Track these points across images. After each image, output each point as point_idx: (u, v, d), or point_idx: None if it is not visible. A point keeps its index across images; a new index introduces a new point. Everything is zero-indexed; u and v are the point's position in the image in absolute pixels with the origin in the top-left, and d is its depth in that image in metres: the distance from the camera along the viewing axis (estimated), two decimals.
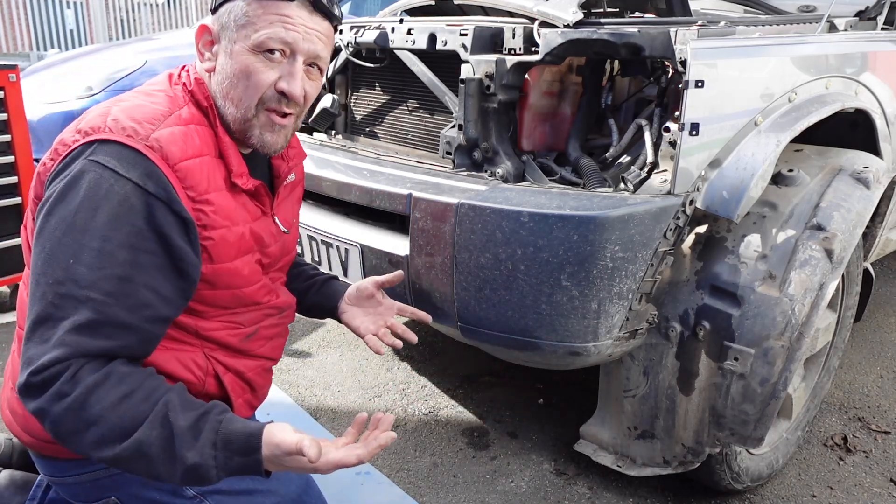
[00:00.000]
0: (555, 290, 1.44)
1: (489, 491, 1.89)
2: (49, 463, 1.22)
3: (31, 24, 12.63)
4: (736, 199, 1.50)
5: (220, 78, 1.16)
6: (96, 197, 1.00)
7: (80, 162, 1.02)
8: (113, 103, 1.10)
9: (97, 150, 1.02)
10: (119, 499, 1.21)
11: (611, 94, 1.82)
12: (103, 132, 1.03)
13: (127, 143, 1.03)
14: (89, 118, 1.08)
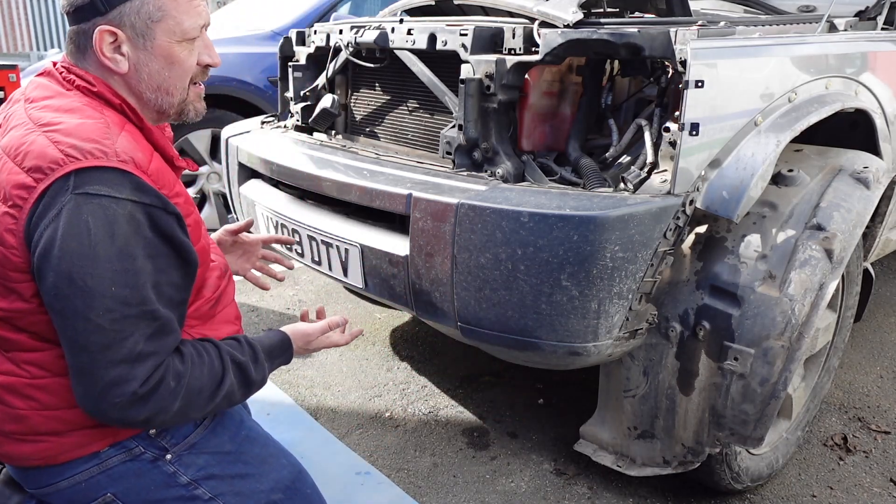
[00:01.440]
0: (555, 290, 1.44)
1: (489, 491, 1.89)
2: (37, 473, 1.21)
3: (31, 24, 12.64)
4: (736, 199, 1.50)
5: (143, 74, 1.19)
6: (106, 225, 1.04)
7: (67, 196, 1.02)
8: (39, 131, 1.08)
9: (79, 182, 1.03)
10: (115, 494, 1.21)
11: (611, 94, 1.82)
12: (74, 162, 1.03)
13: (106, 166, 1.05)
14: (32, 153, 1.05)
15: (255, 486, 1.30)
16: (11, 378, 1.15)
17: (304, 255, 1.96)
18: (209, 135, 3.75)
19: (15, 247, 1.06)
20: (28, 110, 1.14)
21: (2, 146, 1.11)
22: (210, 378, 1.18)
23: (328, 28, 2.19)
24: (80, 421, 1.17)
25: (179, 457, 1.24)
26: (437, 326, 1.81)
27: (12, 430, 1.17)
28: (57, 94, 1.16)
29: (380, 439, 2.11)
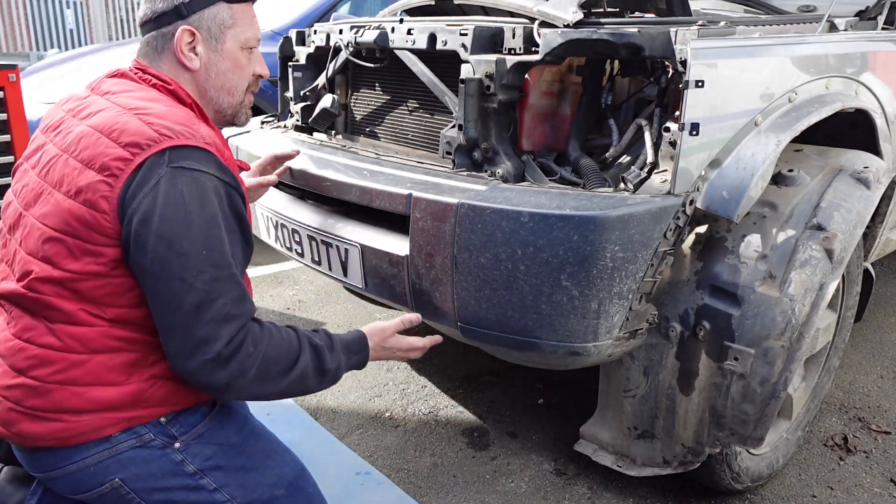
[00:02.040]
0: (555, 290, 1.44)
1: (489, 491, 1.89)
2: (46, 456, 1.23)
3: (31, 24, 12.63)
4: (736, 199, 1.50)
5: (211, 73, 1.36)
6: (197, 195, 1.17)
7: (163, 169, 1.15)
8: (131, 114, 1.20)
9: (173, 157, 1.16)
10: (122, 480, 1.24)
11: (611, 94, 1.82)
12: (167, 140, 1.16)
13: (195, 145, 1.19)
14: (128, 130, 1.17)
15: (258, 480, 1.32)
16: (49, 351, 1.20)
17: (304, 255, 1.96)
18: None
19: (107, 212, 1.15)
20: (112, 98, 1.27)
21: (93, 125, 1.21)
22: (287, 352, 1.27)
23: (328, 28, 2.19)
24: (104, 401, 1.21)
25: (188, 445, 1.27)
26: (437, 326, 1.81)
27: (33, 406, 1.20)
28: (137, 88, 1.30)
29: (380, 439, 2.11)
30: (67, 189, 1.18)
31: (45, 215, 1.19)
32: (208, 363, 1.17)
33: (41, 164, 1.26)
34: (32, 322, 1.21)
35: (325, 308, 3.09)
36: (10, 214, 1.30)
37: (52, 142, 1.28)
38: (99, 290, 1.19)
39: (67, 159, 1.20)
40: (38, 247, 1.19)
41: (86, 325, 1.20)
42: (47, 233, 1.18)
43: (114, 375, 1.22)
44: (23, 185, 1.29)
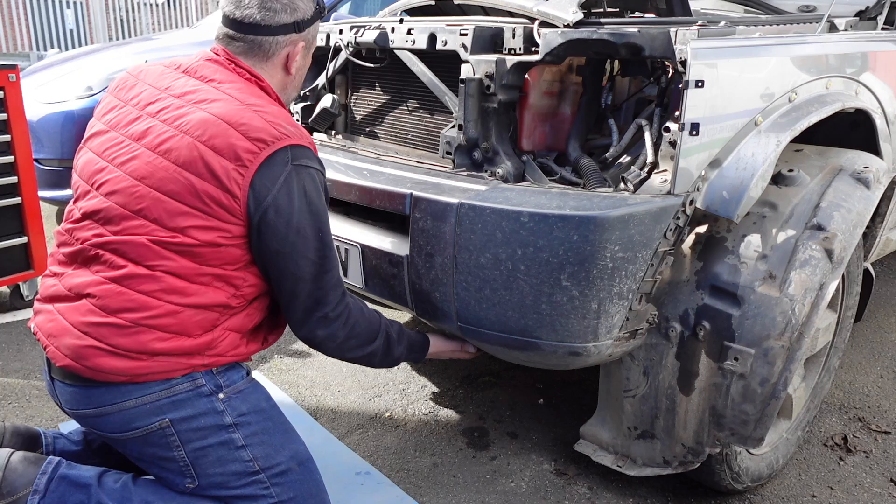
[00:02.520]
0: (555, 291, 1.44)
1: (489, 491, 1.89)
2: (106, 391, 1.35)
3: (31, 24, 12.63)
4: (736, 199, 1.50)
5: (298, 76, 1.60)
6: (315, 189, 1.41)
7: (288, 167, 1.37)
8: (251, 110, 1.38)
9: (295, 155, 1.38)
10: (171, 421, 1.37)
11: (611, 94, 1.82)
12: (287, 139, 1.37)
13: (306, 146, 1.41)
14: (254, 126, 1.35)
15: (278, 448, 1.46)
16: (149, 298, 1.34)
17: None
18: None
19: (239, 197, 1.34)
20: (223, 89, 1.43)
21: (217, 115, 1.36)
22: (369, 332, 1.59)
23: (328, 28, 2.19)
24: (182, 349, 1.36)
25: (229, 398, 1.42)
26: (438, 326, 1.81)
27: (117, 344, 1.33)
28: (238, 80, 1.47)
29: (380, 439, 2.11)
30: (200, 173, 1.33)
31: (174, 192, 1.34)
32: (319, 320, 1.47)
33: (150, 138, 1.39)
34: (136, 270, 1.34)
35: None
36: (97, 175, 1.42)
37: (155, 116, 1.42)
38: (214, 258, 1.36)
39: (195, 143, 1.34)
40: (167, 218, 1.34)
41: (189, 282, 1.35)
42: (181, 208, 1.34)
43: (196, 329, 1.37)
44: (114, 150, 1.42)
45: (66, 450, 1.58)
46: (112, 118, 1.48)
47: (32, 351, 2.60)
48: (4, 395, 2.28)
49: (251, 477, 1.41)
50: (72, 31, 13.14)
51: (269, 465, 1.43)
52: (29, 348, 2.62)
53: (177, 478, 1.40)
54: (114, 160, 1.41)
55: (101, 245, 1.37)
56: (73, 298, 1.38)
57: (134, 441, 1.39)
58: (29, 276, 2.91)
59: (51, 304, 1.42)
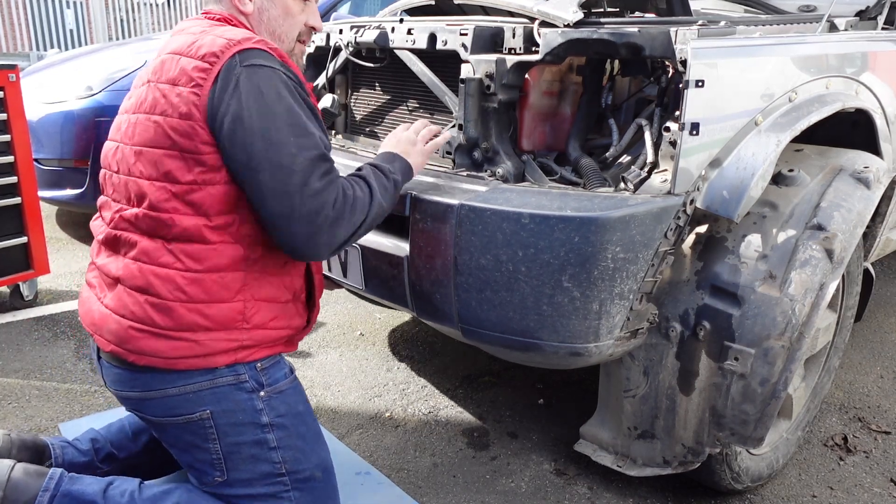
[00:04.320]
0: (556, 292, 1.44)
1: (489, 491, 1.89)
2: (151, 377, 1.37)
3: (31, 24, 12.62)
4: (736, 198, 1.50)
5: (263, 18, 1.49)
6: (273, 87, 1.30)
7: (238, 69, 1.29)
8: (207, 33, 1.35)
9: (244, 58, 1.30)
10: (211, 413, 1.38)
11: (611, 93, 1.82)
12: (237, 45, 1.30)
13: (259, 48, 1.33)
14: (204, 44, 1.31)
15: (307, 455, 1.46)
16: (168, 269, 1.33)
17: None
18: None
19: (200, 119, 1.29)
20: (185, 32, 1.40)
21: (173, 50, 1.36)
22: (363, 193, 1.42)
23: (328, 28, 2.19)
24: (217, 318, 1.35)
25: (270, 398, 1.42)
26: (438, 327, 1.81)
27: (156, 323, 1.34)
28: (207, 24, 1.43)
29: (380, 439, 2.11)
30: (163, 110, 1.32)
31: (151, 139, 1.33)
32: (324, 228, 1.32)
33: (136, 102, 1.41)
34: (150, 244, 1.35)
35: (324, 308, 3.09)
36: (111, 157, 1.45)
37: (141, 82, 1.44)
38: (207, 199, 1.32)
39: (155, 85, 1.35)
40: (152, 169, 1.33)
41: (199, 242, 1.33)
42: (157, 153, 1.32)
43: (224, 292, 1.36)
44: (118, 128, 1.45)
45: (75, 461, 1.58)
46: (124, 104, 1.52)
47: (32, 351, 2.60)
48: (4, 395, 2.28)
49: (276, 478, 1.43)
50: (72, 31, 13.13)
51: (296, 470, 1.44)
52: (29, 348, 2.62)
53: (207, 468, 1.42)
54: (119, 138, 1.44)
55: (116, 225, 1.40)
56: (109, 284, 1.41)
57: (174, 427, 1.40)
58: (29, 276, 2.91)
59: (91, 292, 1.46)
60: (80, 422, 2.11)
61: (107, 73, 3.62)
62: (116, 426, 1.70)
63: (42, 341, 2.68)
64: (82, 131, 3.49)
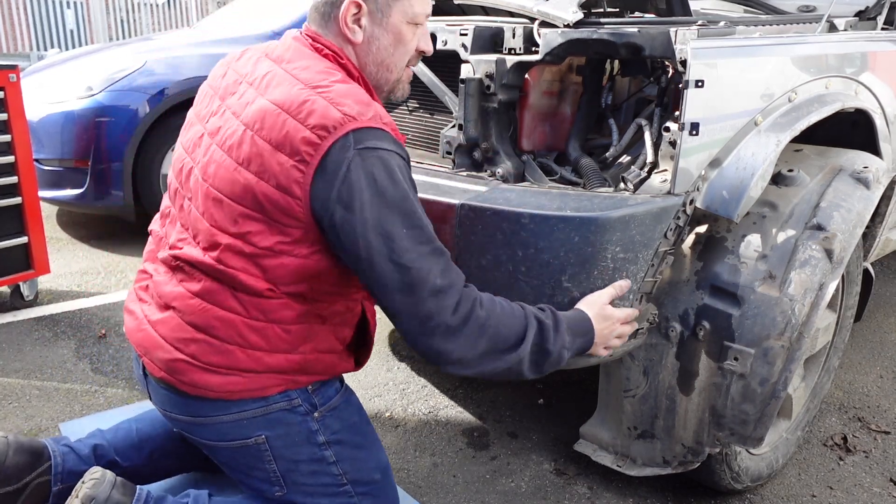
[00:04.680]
0: (556, 292, 1.44)
1: (489, 491, 1.89)
2: (204, 404, 1.33)
3: (31, 24, 12.63)
4: (736, 198, 1.50)
5: (372, 48, 1.35)
6: (387, 174, 1.19)
7: (351, 153, 1.17)
8: (314, 93, 1.21)
9: (358, 138, 1.18)
10: (266, 438, 1.35)
11: (611, 93, 1.82)
12: (352, 122, 1.18)
13: (376, 126, 1.20)
14: (316, 111, 1.18)
15: (366, 461, 1.45)
16: (232, 314, 1.28)
17: None
18: None
19: (300, 198, 1.19)
20: (290, 70, 1.27)
21: (276, 102, 1.22)
22: (514, 326, 1.27)
23: None
24: (274, 366, 1.31)
25: (324, 417, 1.39)
26: None
27: (210, 362, 1.29)
28: (313, 58, 1.30)
29: (380, 439, 2.11)
30: (258, 170, 1.21)
31: (236, 194, 1.24)
32: (438, 337, 1.21)
33: (222, 134, 1.30)
34: (217, 286, 1.29)
35: None
36: (185, 177, 1.37)
37: (231, 109, 1.31)
38: (280, 269, 1.25)
39: (254, 137, 1.22)
40: (230, 223, 1.25)
41: (266, 298, 1.28)
42: (239, 210, 1.24)
43: (286, 344, 1.31)
44: (197, 145, 1.35)
45: (75, 469, 1.53)
46: (200, 109, 1.42)
47: (33, 351, 2.60)
48: (5, 395, 2.28)
49: (339, 488, 1.42)
50: (72, 32, 13.14)
51: (357, 479, 1.43)
52: (29, 348, 2.62)
53: (264, 485, 1.40)
54: (195, 157, 1.36)
55: (179, 256, 1.33)
56: (161, 306, 1.35)
57: (226, 449, 1.38)
58: (29, 276, 2.91)
59: (139, 305, 1.41)
60: (80, 421, 2.11)
61: (107, 73, 3.62)
62: (123, 432, 1.65)
63: (42, 341, 2.68)
64: (82, 131, 3.49)
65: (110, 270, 3.49)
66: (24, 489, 1.46)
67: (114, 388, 2.34)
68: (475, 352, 1.24)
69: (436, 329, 1.21)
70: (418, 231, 1.21)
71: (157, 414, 1.68)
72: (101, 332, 2.75)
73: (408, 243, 1.19)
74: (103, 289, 3.24)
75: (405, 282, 1.19)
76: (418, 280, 1.19)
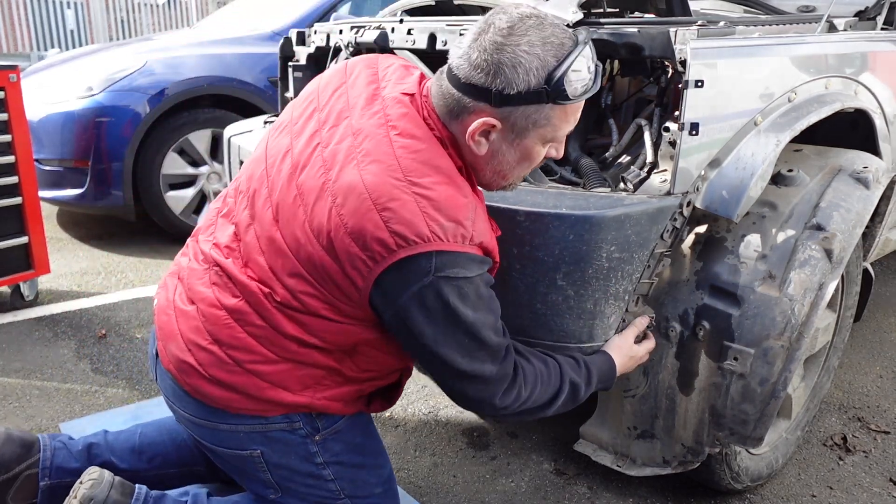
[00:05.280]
0: (550, 290, 1.44)
1: (489, 491, 1.89)
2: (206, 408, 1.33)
3: (31, 24, 12.63)
4: (736, 198, 1.50)
5: (495, 161, 1.23)
6: (460, 302, 1.15)
7: (429, 278, 1.12)
8: (410, 191, 1.12)
9: (440, 264, 1.12)
10: (262, 453, 1.35)
11: (611, 93, 1.82)
12: (438, 243, 1.11)
13: (461, 251, 1.14)
14: (401, 217, 1.10)
15: (366, 478, 1.44)
16: (252, 340, 1.27)
17: None
18: (209, 135, 3.76)
19: (361, 289, 1.16)
20: (394, 144, 1.16)
21: (368, 186, 1.13)
22: (550, 392, 1.34)
23: (328, 28, 2.19)
24: (277, 399, 1.30)
25: (325, 440, 1.38)
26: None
27: (214, 375, 1.29)
28: (419, 135, 1.19)
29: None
30: (328, 245, 1.16)
31: (301, 256, 1.20)
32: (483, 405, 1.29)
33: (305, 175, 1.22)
34: (249, 310, 1.27)
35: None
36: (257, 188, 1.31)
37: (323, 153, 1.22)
38: (318, 326, 1.24)
39: (332, 209, 1.15)
40: (283, 271, 1.22)
41: (296, 344, 1.26)
42: (300, 271, 1.21)
43: (294, 384, 1.29)
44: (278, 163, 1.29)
45: (65, 465, 1.52)
46: (299, 116, 1.33)
47: (33, 351, 2.60)
48: (5, 395, 2.29)
49: (336, 500, 1.42)
50: (72, 32, 13.14)
51: (355, 495, 1.43)
52: (29, 348, 2.62)
53: (260, 488, 1.41)
54: (272, 178, 1.29)
55: (222, 266, 1.30)
56: (188, 299, 1.34)
57: (222, 453, 1.38)
58: (29, 276, 2.91)
59: (176, 282, 1.39)
60: (80, 421, 2.11)
61: (107, 73, 3.62)
62: (126, 434, 1.64)
63: (43, 341, 2.68)
64: (82, 131, 3.49)
65: (110, 270, 3.49)
66: (14, 480, 1.46)
67: (114, 388, 2.35)
68: (512, 415, 1.33)
69: (479, 408, 1.31)
70: (476, 344, 1.21)
71: (163, 421, 1.68)
72: (101, 332, 2.75)
73: (465, 354, 1.20)
74: (103, 289, 3.24)
75: (457, 377, 1.24)
76: (471, 376, 1.23)
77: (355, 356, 1.32)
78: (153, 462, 1.60)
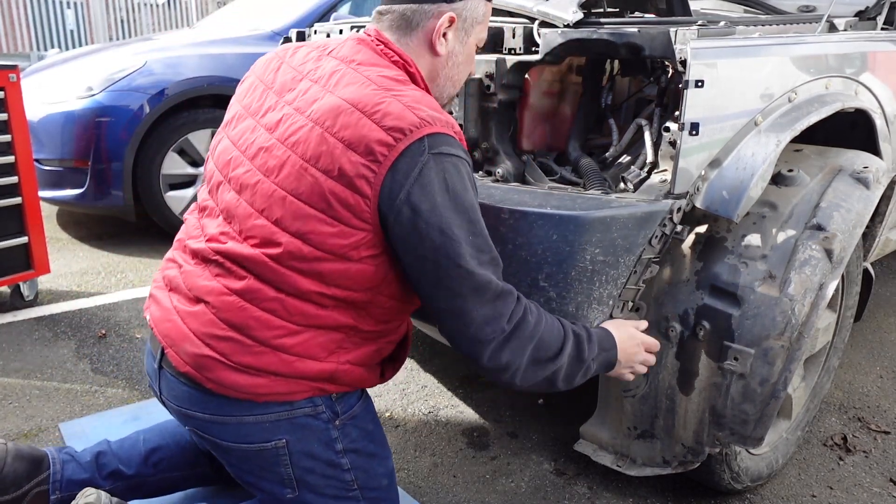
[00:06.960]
0: (531, 291, 1.42)
1: (489, 491, 1.89)
2: (228, 403, 1.31)
3: (31, 24, 12.63)
4: (736, 198, 1.50)
5: (449, 62, 1.39)
6: (459, 179, 1.21)
7: (425, 157, 1.18)
8: (389, 95, 1.22)
9: (432, 143, 1.19)
10: (287, 441, 1.34)
11: (611, 93, 1.82)
12: (427, 126, 1.19)
13: (448, 133, 1.22)
14: (391, 113, 1.19)
15: (377, 469, 1.46)
16: (272, 316, 1.26)
17: None
18: (209, 135, 3.76)
19: (369, 196, 1.18)
20: (360, 71, 1.27)
21: (350, 101, 1.21)
22: (555, 336, 1.32)
23: (328, 28, 2.19)
24: (304, 372, 1.30)
25: (344, 425, 1.39)
26: (421, 327, 1.81)
27: (240, 362, 1.27)
28: (382, 63, 1.31)
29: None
30: (327, 167, 1.20)
31: (303, 193, 1.22)
32: (493, 342, 1.24)
33: (284, 129, 1.28)
34: (259, 286, 1.26)
35: None
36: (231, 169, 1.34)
37: (292, 105, 1.29)
38: (335, 273, 1.24)
39: (323, 135, 1.21)
40: (290, 220, 1.23)
41: (312, 303, 1.26)
42: (303, 207, 1.22)
43: (319, 351, 1.30)
44: (250, 140, 1.33)
45: (75, 477, 1.51)
46: (251, 103, 1.39)
47: (33, 351, 2.60)
48: (5, 395, 2.28)
49: (348, 493, 1.42)
50: (72, 32, 13.14)
51: (367, 486, 1.44)
52: (29, 348, 2.62)
53: (276, 487, 1.39)
54: (246, 151, 1.33)
55: (219, 250, 1.30)
56: (191, 300, 1.33)
57: (241, 451, 1.36)
58: (29, 276, 2.91)
59: (167, 294, 1.38)
60: (80, 421, 2.11)
61: (107, 73, 3.62)
62: (130, 441, 1.63)
63: (43, 341, 2.68)
64: (82, 131, 3.49)
65: (110, 270, 3.49)
66: (23, 498, 1.45)
67: (114, 388, 2.35)
68: (522, 359, 1.27)
69: (492, 334, 1.24)
70: (482, 239, 1.24)
71: (165, 425, 1.67)
72: (101, 332, 2.75)
73: (472, 249, 1.21)
74: (103, 289, 3.24)
75: (468, 285, 1.21)
76: (480, 285, 1.22)
77: (370, 307, 1.32)
78: (158, 466, 1.60)
